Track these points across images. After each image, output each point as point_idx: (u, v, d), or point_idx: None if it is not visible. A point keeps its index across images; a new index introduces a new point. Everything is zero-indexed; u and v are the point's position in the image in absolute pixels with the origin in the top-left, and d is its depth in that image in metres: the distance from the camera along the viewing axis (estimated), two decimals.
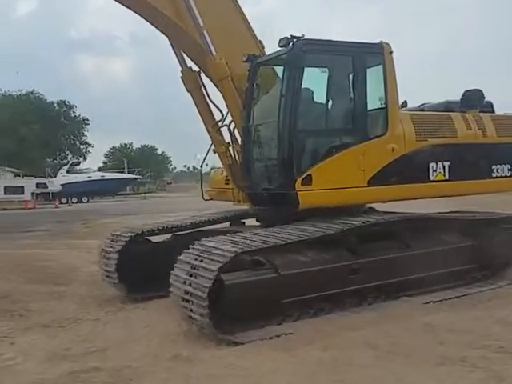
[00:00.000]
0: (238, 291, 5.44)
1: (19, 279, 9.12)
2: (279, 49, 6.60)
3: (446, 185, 7.48)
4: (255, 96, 6.99)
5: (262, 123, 6.86)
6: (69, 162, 57.04)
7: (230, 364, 4.77)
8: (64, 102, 60.75)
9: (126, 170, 60.70)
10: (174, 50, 7.82)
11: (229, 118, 7.42)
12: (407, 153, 7.08)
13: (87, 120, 61.92)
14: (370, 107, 6.81)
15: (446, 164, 7.48)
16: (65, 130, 60.93)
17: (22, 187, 43.29)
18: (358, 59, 6.69)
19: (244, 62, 6.97)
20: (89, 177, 50.42)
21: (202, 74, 7.65)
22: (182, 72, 7.78)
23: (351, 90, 6.73)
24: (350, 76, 6.73)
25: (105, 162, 75.86)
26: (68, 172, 51.99)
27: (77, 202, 47.11)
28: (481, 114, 8.14)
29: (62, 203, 45.42)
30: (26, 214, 31.67)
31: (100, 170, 61.54)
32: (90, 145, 63.74)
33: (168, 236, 8.02)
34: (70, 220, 24.68)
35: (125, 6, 7.13)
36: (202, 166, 8.38)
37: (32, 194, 44.46)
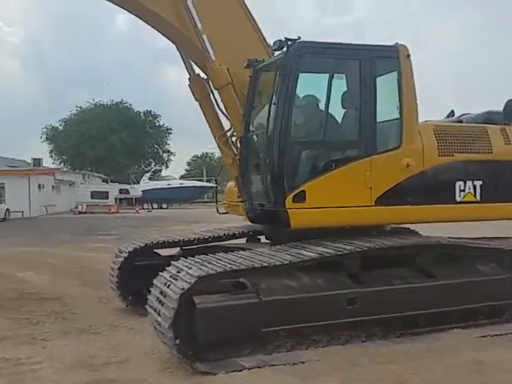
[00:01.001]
0: (212, 316, 4.93)
1: (75, 282, 9.73)
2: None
3: (476, 207, 6.51)
4: (256, 104, 6.47)
5: (258, 133, 6.34)
6: (151, 169, 59.28)
7: None
8: (150, 111, 63.44)
9: (204, 178, 61.96)
10: (181, 57, 7.53)
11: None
12: (427, 169, 6.23)
13: (170, 129, 64.16)
14: (380, 117, 6.06)
15: (478, 183, 6.52)
16: (149, 139, 63.45)
17: (107, 192, 45.64)
18: (367, 64, 5.97)
19: (245, 67, 6.49)
20: (168, 184, 51.95)
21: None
22: (189, 80, 7.46)
23: (357, 97, 6.00)
24: (357, 82, 6.01)
25: (187, 170, 78.15)
26: (150, 179, 53.94)
27: (157, 208, 48.69)
28: None
29: (143, 208, 47.19)
30: (107, 218, 33.30)
31: (182, 177, 63.41)
32: (171, 153, 66.00)
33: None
34: (144, 225, 25.48)
35: (128, 11, 6.96)
36: (217, 179, 7.99)
37: (115, 199, 46.63)
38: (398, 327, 5.64)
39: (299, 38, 5.73)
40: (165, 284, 5.08)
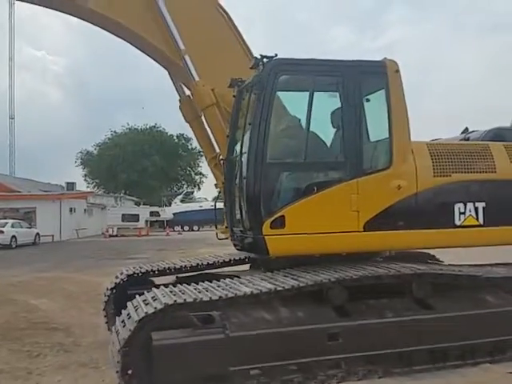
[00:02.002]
0: (171, 354, 4.52)
1: (90, 310, 9.44)
2: None
3: (479, 231, 6.01)
4: (240, 125, 6.18)
5: (239, 156, 6.04)
6: (183, 191, 59.67)
7: None
8: (182, 135, 64.05)
9: None
10: (171, 79, 7.38)
11: None
12: (421, 191, 5.78)
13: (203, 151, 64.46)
14: (368, 136, 5.71)
15: (480, 205, 6.02)
16: (182, 161, 64.03)
17: (137, 215, 46.09)
18: (352, 80, 5.62)
19: (228, 87, 6.25)
20: (200, 206, 52.02)
21: None
22: (180, 101, 7.28)
23: (343, 116, 5.66)
24: (342, 100, 5.67)
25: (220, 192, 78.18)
26: (182, 201, 54.21)
27: (188, 230, 48.71)
28: None
29: (173, 231, 47.35)
30: (136, 241, 33.52)
31: (215, 199, 63.39)
32: (204, 175, 66.26)
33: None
34: (171, 248, 25.41)
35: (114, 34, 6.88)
36: (216, 202, 7.69)
37: (146, 221, 46.99)
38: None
39: (276, 55, 5.45)
40: (121, 322, 4.73)
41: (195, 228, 49.53)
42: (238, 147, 6.03)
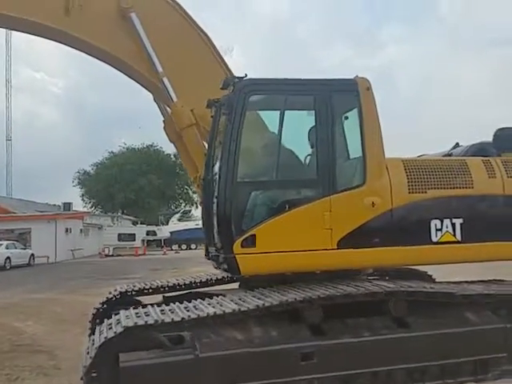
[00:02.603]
0: (138, 376, 4.45)
1: (77, 330, 9.30)
2: None
3: (456, 248, 5.91)
4: (217, 145, 6.15)
5: (214, 176, 6.01)
6: (181, 210, 59.59)
7: None
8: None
9: None
10: (155, 101, 7.39)
11: None
12: (396, 208, 5.72)
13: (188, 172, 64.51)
14: (339, 154, 5.67)
15: (457, 221, 5.94)
16: (179, 180, 64.07)
17: (134, 234, 45.87)
18: (323, 99, 5.60)
19: (206, 107, 6.23)
20: (196, 224, 51.86)
21: None
22: (164, 122, 7.27)
23: (314, 134, 5.64)
24: (312, 119, 5.64)
25: None
26: (179, 220, 54.07)
27: (185, 249, 48.55)
28: None
29: (171, 249, 47.16)
30: (132, 261, 33.46)
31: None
32: None
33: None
34: (166, 268, 25.30)
35: (99, 59, 6.92)
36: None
37: (143, 240, 46.80)
38: None
39: (246, 75, 5.45)
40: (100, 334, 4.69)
41: (193, 246, 49.38)
42: (213, 167, 6.02)
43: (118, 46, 6.66)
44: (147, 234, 48.50)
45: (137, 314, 4.80)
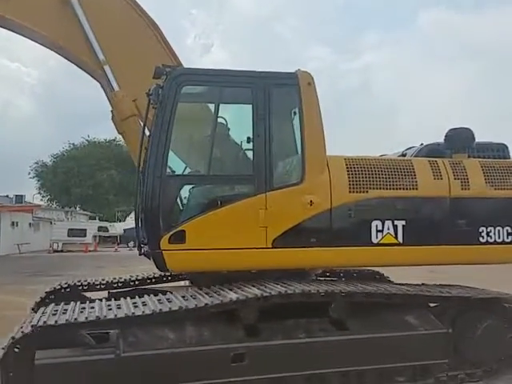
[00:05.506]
0: (55, 375, 4.19)
1: None
2: None
3: (397, 250, 5.72)
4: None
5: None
6: None
7: None
8: None
9: None
10: (103, 90, 6.94)
11: None
12: (335, 207, 5.49)
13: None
14: (277, 150, 5.38)
15: (400, 223, 5.75)
16: None
17: (85, 230, 44.19)
18: (261, 92, 5.32)
19: (147, 97, 5.83)
20: None
21: None
22: (112, 112, 6.85)
23: (251, 129, 5.31)
24: (247, 112, 5.34)
25: None
26: None
27: None
28: (469, 159, 6.35)
29: (127, 246, 46.02)
30: (78, 257, 32.00)
31: None
32: None
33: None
34: (114, 265, 24.30)
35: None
36: None
37: (94, 236, 45.41)
38: None
39: (178, 65, 5.12)
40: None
41: None
42: None
43: (57, 32, 6.24)
44: (99, 230, 47.05)
45: (56, 310, 4.56)
